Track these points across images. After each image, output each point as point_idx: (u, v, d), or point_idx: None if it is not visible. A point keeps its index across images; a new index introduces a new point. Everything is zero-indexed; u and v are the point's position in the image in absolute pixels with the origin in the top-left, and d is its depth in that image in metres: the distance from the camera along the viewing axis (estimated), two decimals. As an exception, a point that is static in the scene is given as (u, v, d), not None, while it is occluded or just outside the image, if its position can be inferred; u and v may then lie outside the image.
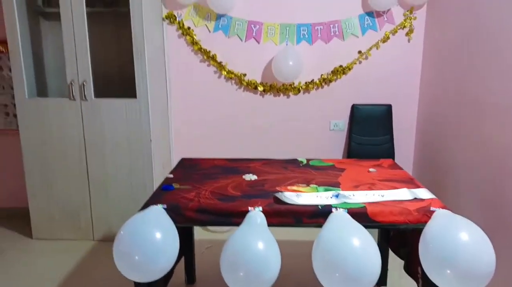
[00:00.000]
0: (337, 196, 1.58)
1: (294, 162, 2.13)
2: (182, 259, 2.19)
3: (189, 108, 3.02)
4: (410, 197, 1.60)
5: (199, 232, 2.79)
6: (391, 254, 2.08)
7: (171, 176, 1.88)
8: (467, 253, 1.30)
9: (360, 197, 1.58)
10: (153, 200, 1.57)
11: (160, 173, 2.78)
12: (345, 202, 1.53)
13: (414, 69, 2.94)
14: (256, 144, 3.06)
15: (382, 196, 1.61)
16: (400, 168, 2.04)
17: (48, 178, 2.67)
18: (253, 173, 1.90)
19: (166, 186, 1.71)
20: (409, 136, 3.06)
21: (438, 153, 2.66)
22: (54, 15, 2.74)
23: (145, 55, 2.49)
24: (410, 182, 1.81)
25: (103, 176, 2.66)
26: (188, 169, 1.99)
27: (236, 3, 2.80)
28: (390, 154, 2.97)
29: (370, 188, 1.70)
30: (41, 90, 2.76)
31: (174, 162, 3.00)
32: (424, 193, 1.65)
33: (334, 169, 1.99)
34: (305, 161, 2.13)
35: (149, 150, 2.62)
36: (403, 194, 1.63)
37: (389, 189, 1.69)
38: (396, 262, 2.04)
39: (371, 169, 1.98)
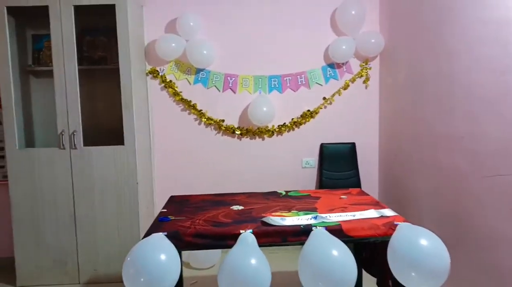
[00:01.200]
0: (315, 217, 1.82)
1: (274, 193, 2.37)
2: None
3: (170, 153, 3.24)
4: (377, 215, 1.87)
5: (183, 270, 2.89)
6: (365, 275, 2.29)
7: (165, 210, 2.06)
8: (427, 256, 1.56)
9: (335, 217, 1.83)
10: (153, 229, 1.74)
11: (145, 213, 2.92)
12: (323, 221, 1.77)
13: (372, 110, 3.33)
14: (236, 183, 3.28)
15: (354, 215, 1.86)
16: (367, 195, 2.32)
17: (36, 226, 2.75)
18: (240, 204, 2.11)
19: (162, 218, 1.89)
20: (373, 169, 3.39)
21: (399, 181, 2.98)
22: (43, 73, 2.98)
23: (133, 106, 2.73)
24: (376, 205, 2.08)
25: (91, 221, 2.77)
26: (179, 204, 2.18)
27: (214, 59, 3.15)
28: (357, 185, 3.27)
29: (343, 211, 1.95)
30: (29, 141, 2.91)
31: (158, 202, 3.16)
32: (388, 212, 1.92)
33: (310, 198, 2.24)
34: (284, 193, 2.38)
35: (135, 193, 2.78)
36: (370, 213, 1.90)
37: (359, 211, 1.95)
38: (368, 282, 2.25)
39: (342, 196, 2.25)
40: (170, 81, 3.17)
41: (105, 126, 3.00)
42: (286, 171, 3.32)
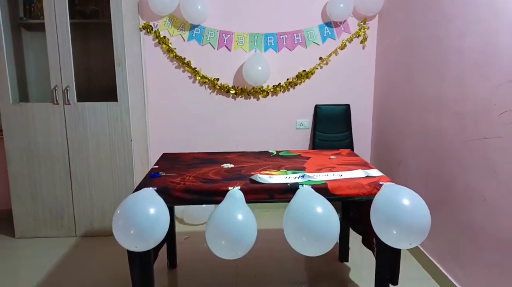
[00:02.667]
0: (303, 176, 1.86)
1: (265, 153, 2.40)
2: (165, 246, 2.40)
3: (165, 111, 3.24)
4: (363, 175, 1.91)
5: (177, 226, 2.99)
6: (352, 233, 2.38)
7: (156, 167, 2.10)
8: (408, 213, 1.61)
9: (322, 177, 1.87)
10: (143, 184, 1.78)
11: (140, 170, 2.97)
12: (309, 180, 1.81)
13: (368, 72, 3.30)
14: (229, 142, 3.31)
15: (340, 175, 1.90)
16: (357, 156, 2.36)
17: (32, 180, 2.80)
18: (230, 163, 2.15)
19: (154, 174, 1.93)
20: (366, 131, 3.41)
21: (390, 143, 3.02)
22: (35, 26, 2.92)
23: (125, 62, 2.70)
24: (364, 165, 2.12)
25: (86, 175, 2.82)
26: (171, 161, 2.22)
27: (209, 15, 3.07)
28: (350, 147, 3.31)
29: (330, 170, 1.99)
30: (23, 96, 2.90)
31: (152, 159, 3.21)
32: (375, 172, 1.96)
33: (300, 158, 2.28)
34: (275, 152, 2.41)
35: (130, 149, 2.81)
36: (357, 173, 1.94)
37: (346, 171, 1.99)
38: (356, 240, 2.34)
39: (332, 157, 2.29)
40: (164, 37, 3.11)
41: (99, 82, 2.99)
42: (280, 132, 3.34)
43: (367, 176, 1.91)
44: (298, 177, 1.85)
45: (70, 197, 2.85)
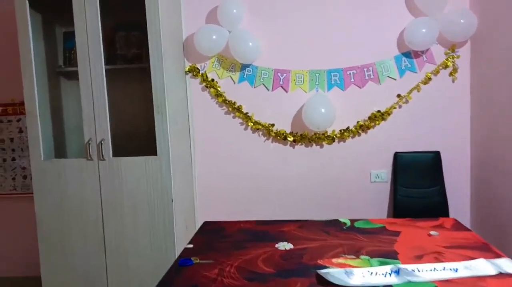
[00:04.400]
0: (397, 272, 1.24)
1: (335, 223, 1.81)
2: None
3: (214, 163, 2.79)
4: (493, 272, 1.24)
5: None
6: None
7: (191, 246, 1.60)
8: None
9: (428, 273, 1.23)
10: (168, 279, 1.28)
11: (183, 234, 2.50)
12: (409, 281, 1.19)
13: (462, 110, 2.62)
14: (288, 201, 2.76)
15: (456, 270, 1.25)
16: (467, 229, 1.68)
17: (62, 243, 2.45)
18: (288, 240, 1.59)
19: (183, 260, 1.43)
20: (463, 185, 2.67)
21: (501, 202, 2.26)
22: (74, 74, 2.67)
23: (166, 110, 2.32)
24: (485, 249, 1.44)
25: (120, 238, 2.41)
26: (211, 235, 1.71)
27: (261, 52, 2.65)
28: (443, 207, 2.58)
29: (437, 259, 1.35)
30: (60, 150, 2.63)
31: (199, 222, 2.74)
32: (509, 265, 1.29)
33: (386, 233, 1.65)
34: (349, 223, 1.81)
35: (170, 211, 2.37)
36: (482, 266, 1.28)
37: (462, 260, 1.34)
38: None
39: (432, 232, 1.63)
40: (212, 79, 2.73)
41: (137, 133, 2.63)
42: (351, 186, 2.73)
43: (499, 273, 1.24)
44: (391, 274, 1.23)
45: (103, 264, 2.44)
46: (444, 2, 2.44)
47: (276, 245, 1.55)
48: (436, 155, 2.63)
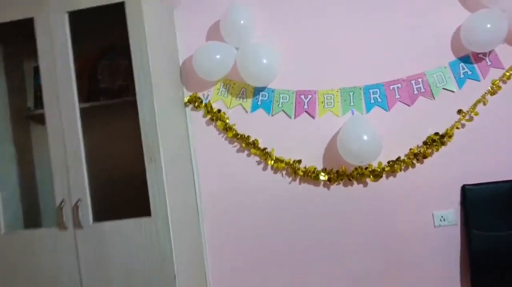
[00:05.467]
0: None
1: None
2: None
3: (228, 220, 2.18)
4: None
5: None
6: None
7: None
8: None
9: None
10: None
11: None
12: None
13: (546, 124, 2.01)
14: (325, 260, 2.13)
15: None
16: None
17: None
18: None
19: None
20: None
21: None
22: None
23: (161, 156, 1.75)
24: None
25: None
26: None
27: (279, 71, 2.09)
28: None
29: None
30: (31, 218, 2.05)
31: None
32: None
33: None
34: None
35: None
36: None
37: None
38: None
39: None
40: (219, 110, 2.16)
41: (125, 188, 2.04)
42: (408, 234, 2.08)
43: None
44: None
45: None
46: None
47: None
48: (517, 185, 1.99)
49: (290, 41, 2.12)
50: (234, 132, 2.13)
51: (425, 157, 2.05)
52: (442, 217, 2.07)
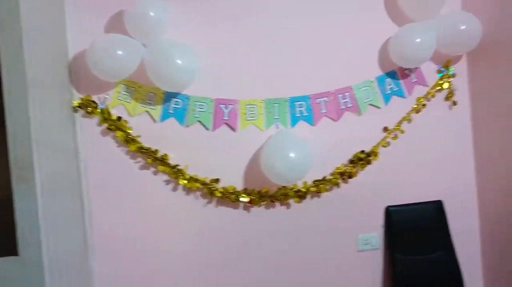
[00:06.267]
0: None
1: None
2: None
3: (126, 254, 1.79)
4: None
5: None
6: None
7: None
8: None
9: None
10: None
11: None
12: None
13: (463, 143, 2.01)
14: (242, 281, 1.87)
15: None
16: None
17: None
18: None
19: None
20: (473, 240, 2.02)
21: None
22: None
23: (35, 176, 1.31)
24: None
25: None
26: None
27: (196, 76, 1.78)
28: (456, 273, 1.90)
29: None
30: None
31: None
32: None
33: None
34: None
35: None
36: None
37: None
38: None
39: None
40: (119, 118, 1.77)
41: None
42: (332, 259, 1.93)
43: None
44: None
45: None
46: (441, 3, 1.82)
47: None
48: (439, 206, 1.96)
49: (211, 42, 1.82)
50: (138, 145, 1.75)
51: (350, 176, 1.91)
52: (366, 241, 1.95)
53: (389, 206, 1.94)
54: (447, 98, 1.98)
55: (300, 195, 1.87)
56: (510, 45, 1.69)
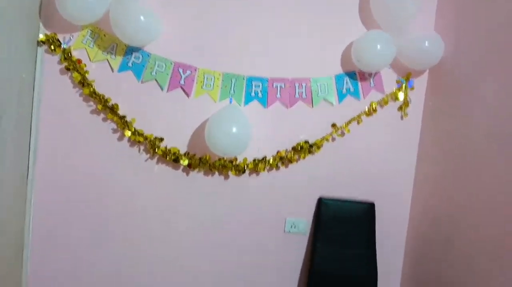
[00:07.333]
0: None
1: None
2: None
3: (64, 187, 1.89)
4: None
5: None
6: None
7: None
8: None
9: None
10: None
11: None
12: None
13: (408, 155, 2.08)
14: (169, 256, 1.98)
15: None
16: None
17: None
18: None
19: None
20: (398, 251, 2.11)
21: (443, 278, 1.71)
22: None
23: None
24: None
25: None
26: None
27: (159, 35, 1.84)
28: (371, 275, 1.99)
29: None
30: None
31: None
32: None
33: None
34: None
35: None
36: None
37: None
38: None
39: None
40: (79, 60, 1.84)
41: None
42: (258, 235, 2.03)
43: None
44: None
45: None
46: (410, 16, 1.86)
47: None
48: (370, 207, 2.04)
49: (178, 4, 1.88)
50: (91, 89, 1.83)
51: (290, 162, 1.99)
52: (293, 224, 2.04)
53: (322, 197, 2.03)
54: (400, 108, 2.04)
55: (238, 169, 1.95)
56: (467, 66, 1.73)
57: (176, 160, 1.91)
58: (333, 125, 2.01)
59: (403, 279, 2.12)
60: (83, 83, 1.82)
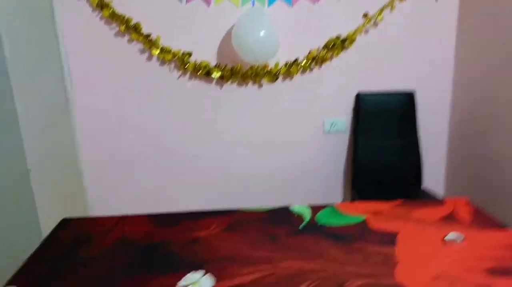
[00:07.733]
0: None
1: (285, 218, 1.08)
2: None
3: (100, 112, 1.90)
4: None
5: None
6: None
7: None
8: None
9: None
10: None
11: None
12: None
13: (445, 38, 1.96)
14: (208, 167, 2.02)
15: None
16: (495, 221, 1.06)
17: None
18: (205, 265, 0.84)
19: None
20: (442, 134, 2.10)
21: (490, 159, 1.72)
22: None
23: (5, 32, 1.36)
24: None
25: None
26: (63, 253, 0.91)
27: None
28: (417, 163, 2.01)
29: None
30: None
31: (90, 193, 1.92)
32: None
33: (372, 236, 0.97)
34: (308, 216, 1.10)
35: (27, 186, 1.50)
36: None
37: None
38: None
39: (449, 237, 0.98)
40: (92, -19, 1.74)
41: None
42: (298, 139, 2.03)
43: None
44: None
45: None
46: None
47: (180, 285, 0.79)
48: (410, 97, 1.99)
49: None
50: (110, 10, 1.75)
51: (323, 61, 1.92)
52: (333, 123, 2.03)
53: (360, 93, 1.98)
54: (435, -14, 1.88)
55: (272, 76, 1.91)
56: None
57: (207, 73, 1.87)
58: (365, 15, 1.89)
59: (448, 163, 2.13)
60: (102, 4, 1.74)
